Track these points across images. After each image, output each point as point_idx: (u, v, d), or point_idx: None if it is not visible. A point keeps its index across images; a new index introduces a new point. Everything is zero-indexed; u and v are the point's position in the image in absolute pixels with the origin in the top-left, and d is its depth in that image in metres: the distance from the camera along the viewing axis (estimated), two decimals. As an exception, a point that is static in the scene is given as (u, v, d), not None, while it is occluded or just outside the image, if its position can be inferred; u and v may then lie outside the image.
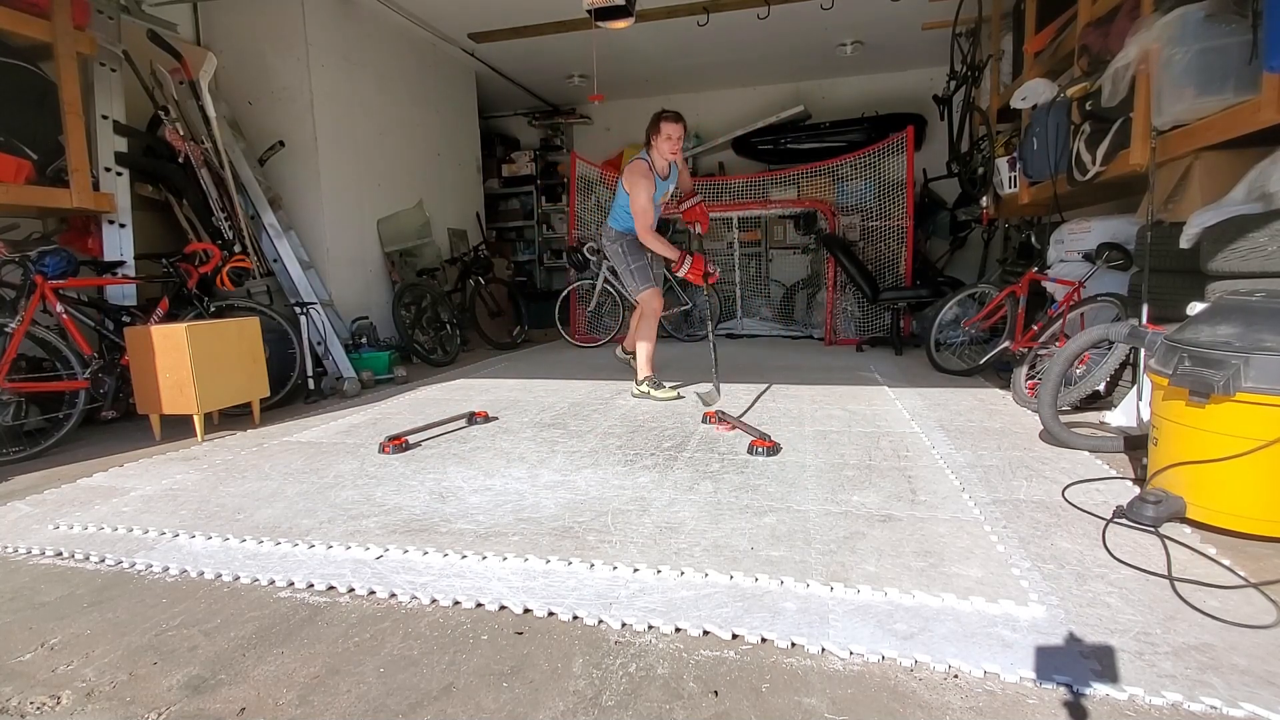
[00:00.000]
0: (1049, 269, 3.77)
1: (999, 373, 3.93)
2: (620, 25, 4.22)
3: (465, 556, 1.70)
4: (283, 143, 4.82)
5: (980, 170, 5.25)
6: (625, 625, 1.37)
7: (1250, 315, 1.73)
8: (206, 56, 4.29)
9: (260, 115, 4.92)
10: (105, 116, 3.65)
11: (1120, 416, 2.68)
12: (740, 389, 3.73)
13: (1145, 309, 2.63)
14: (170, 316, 3.45)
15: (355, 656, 1.31)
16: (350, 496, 2.19)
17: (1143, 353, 2.26)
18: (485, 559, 1.69)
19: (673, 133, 3.41)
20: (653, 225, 3.43)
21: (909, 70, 7.32)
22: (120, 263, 3.57)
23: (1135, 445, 2.37)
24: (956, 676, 1.19)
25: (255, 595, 1.57)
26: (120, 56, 3.82)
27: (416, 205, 6.08)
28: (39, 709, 1.18)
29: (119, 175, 3.68)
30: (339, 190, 5.16)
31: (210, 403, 3.06)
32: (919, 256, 6.19)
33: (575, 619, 1.41)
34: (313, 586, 1.59)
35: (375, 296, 5.51)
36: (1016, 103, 4.03)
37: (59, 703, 1.20)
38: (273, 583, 1.61)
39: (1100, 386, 2.86)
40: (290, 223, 4.74)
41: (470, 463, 2.54)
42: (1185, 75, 2.52)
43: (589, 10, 3.94)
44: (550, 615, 1.43)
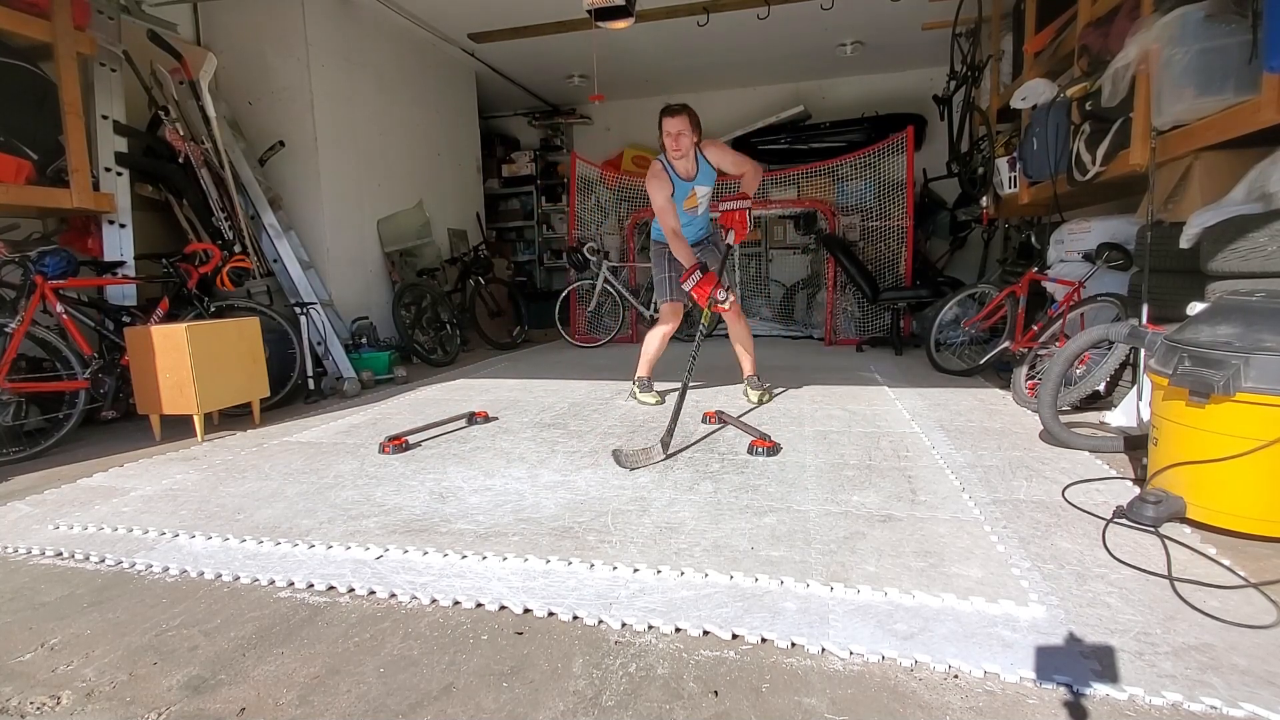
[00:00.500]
0: (1049, 269, 3.77)
1: (999, 373, 3.93)
2: (620, 25, 4.22)
3: (465, 557, 1.70)
4: (283, 143, 4.82)
5: (980, 170, 5.25)
6: (625, 625, 1.37)
7: (1250, 315, 1.73)
8: (206, 56, 4.29)
9: (260, 115, 4.92)
10: (105, 117, 3.65)
11: (1120, 416, 2.68)
12: (740, 389, 3.73)
13: (1145, 309, 2.63)
14: (170, 317, 3.45)
15: (355, 656, 1.31)
16: (350, 496, 2.19)
17: (1143, 353, 2.26)
18: (485, 559, 1.69)
19: (669, 128, 3.18)
20: (675, 227, 3.26)
21: (909, 70, 7.32)
22: (120, 263, 3.57)
23: (1135, 445, 2.37)
24: (956, 676, 1.19)
25: (255, 595, 1.57)
26: (120, 57, 3.82)
27: (416, 205, 6.08)
28: (39, 709, 1.18)
29: (119, 175, 3.68)
30: (339, 190, 5.16)
31: (210, 403, 3.06)
32: (919, 256, 6.19)
33: (575, 619, 1.41)
34: (313, 586, 1.59)
35: (375, 296, 5.51)
36: (1016, 103, 4.03)
37: (59, 703, 1.20)
38: (273, 583, 1.61)
39: (1100, 386, 2.86)
40: (290, 223, 4.74)
41: (470, 463, 2.54)
42: (1185, 75, 2.52)
43: (589, 10, 3.94)
44: (550, 615, 1.43)
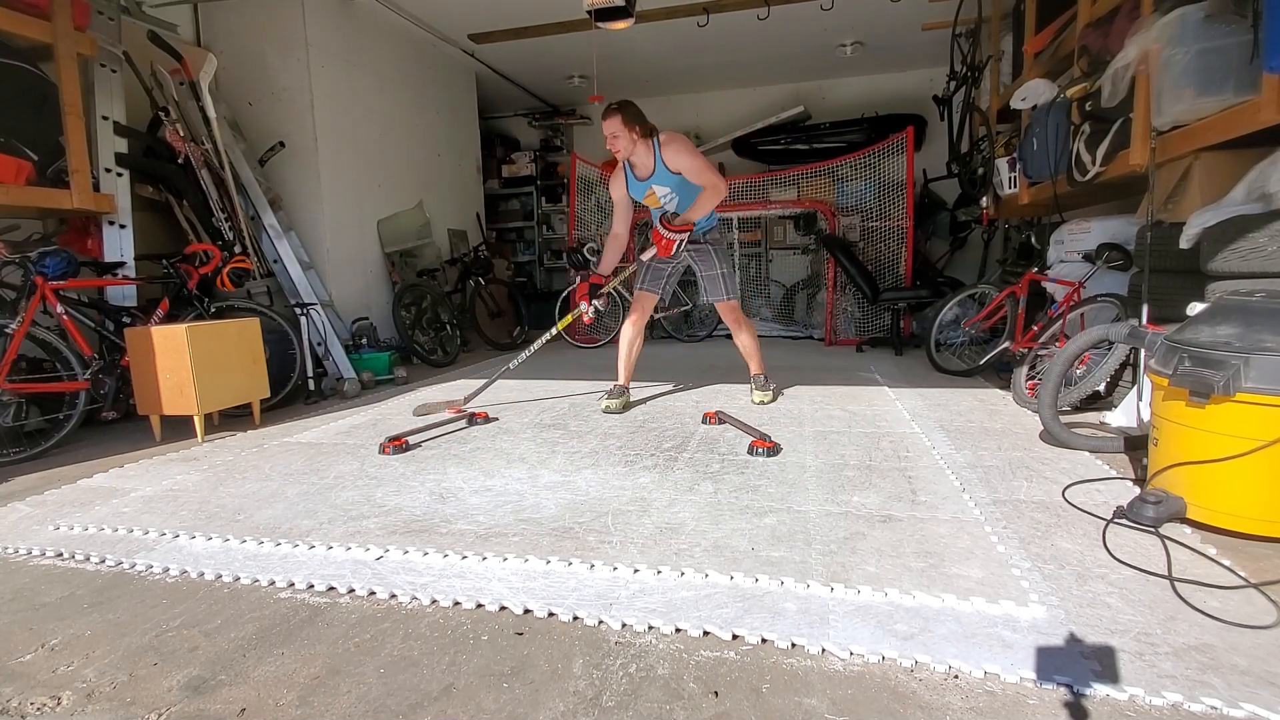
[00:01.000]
0: (1049, 269, 3.77)
1: (999, 373, 3.93)
2: (620, 26, 4.22)
3: (465, 557, 1.70)
4: (283, 143, 4.82)
5: (980, 171, 5.25)
6: (625, 626, 1.37)
7: (1250, 315, 1.73)
8: (207, 57, 4.29)
9: (260, 116, 4.92)
10: (105, 117, 3.65)
11: (1120, 417, 2.68)
12: (740, 389, 3.73)
13: (1145, 309, 2.63)
14: (170, 317, 3.45)
15: (355, 657, 1.31)
16: (350, 497, 2.19)
17: (1143, 353, 2.26)
18: (485, 560, 1.69)
19: (604, 130, 3.00)
20: (617, 230, 3.25)
21: (909, 71, 7.32)
22: (120, 263, 3.57)
23: (1135, 445, 2.37)
24: (957, 677, 1.19)
25: (255, 596, 1.57)
26: (120, 57, 3.81)
27: (416, 206, 6.08)
28: (39, 710, 1.18)
29: (119, 176, 3.68)
30: (339, 191, 5.16)
31: (210, 403, 3.06)
32: (919, 257, 6.18)
33: (575, 619, 1.41)
34: (313, 587, 1.59)
35: (375, 297, 5.50)
36: (1016, 103, 4.03)
37: (59, 703, 1.20)
38: (273, 583, 1.61)
39: (1100, 387, 2.86)
40: (290, 223, 4.74)
41: (470, 463, 2.54)
42: (1185, 76, 2.52)
43: (589, 11, 3.94)
44: (550, 616, 1.43)
